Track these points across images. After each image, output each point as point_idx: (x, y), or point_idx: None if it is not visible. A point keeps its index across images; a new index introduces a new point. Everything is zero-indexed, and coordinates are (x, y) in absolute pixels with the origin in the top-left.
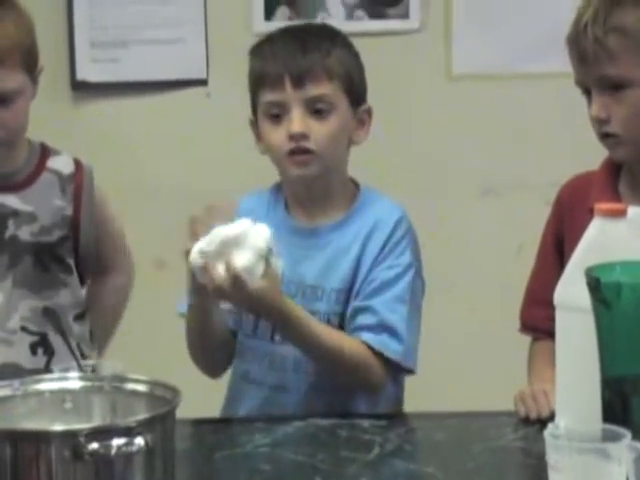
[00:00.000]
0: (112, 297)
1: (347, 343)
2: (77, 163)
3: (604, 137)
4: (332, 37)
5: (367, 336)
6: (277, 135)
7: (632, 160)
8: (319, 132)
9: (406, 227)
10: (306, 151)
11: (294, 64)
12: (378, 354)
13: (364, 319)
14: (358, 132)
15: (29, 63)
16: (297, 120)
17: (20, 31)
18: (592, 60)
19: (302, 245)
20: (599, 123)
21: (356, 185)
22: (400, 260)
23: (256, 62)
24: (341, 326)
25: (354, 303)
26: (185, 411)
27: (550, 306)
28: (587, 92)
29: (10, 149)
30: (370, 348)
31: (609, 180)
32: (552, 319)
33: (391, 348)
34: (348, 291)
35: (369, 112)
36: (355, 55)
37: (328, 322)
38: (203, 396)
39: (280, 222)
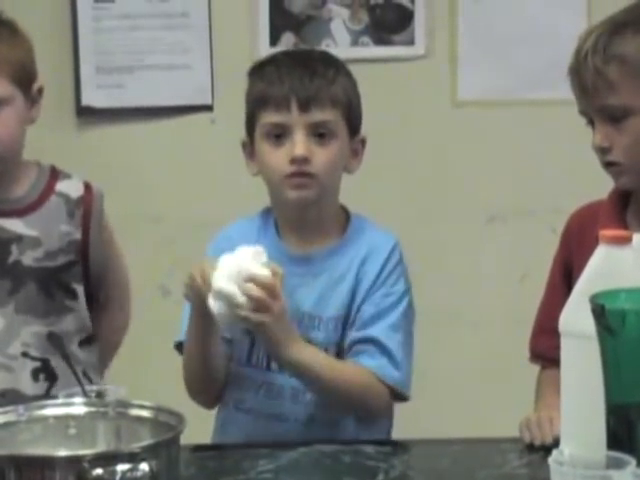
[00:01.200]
0: (112, 334)
1: (351, 370)
2: (87, 187)
3: (607, 166)
4: (336, 65)
5: (367, 362)
6: (277, 157)
7: (636, 188)
8: (320, 157)
9: (400, 254)
10: (306, 174)
11: (302, 88)
12: (381, 380)
13: (363, 347)
14: (352, 161)
15: (22, 77)
16: (300, 144)
17: (13, 47)
18: (593, 91)
19: (296, 272)
20: (602, 152)
21: (346, 213)
22: (395, 288)
23: (259, 84)
24: (338, 355)
25: (352, 333)
26: (189, 437)
27: (558, 335)
28: (591, 122)
29: (5, 168)
30: (373, 374)
31: (616, 209)
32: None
33: (389, 374)
34: (344, 318)
35: (363, 142)
36: (354, 85)
37: (326, 351)
38: (207, 422)
39: (272, 247)
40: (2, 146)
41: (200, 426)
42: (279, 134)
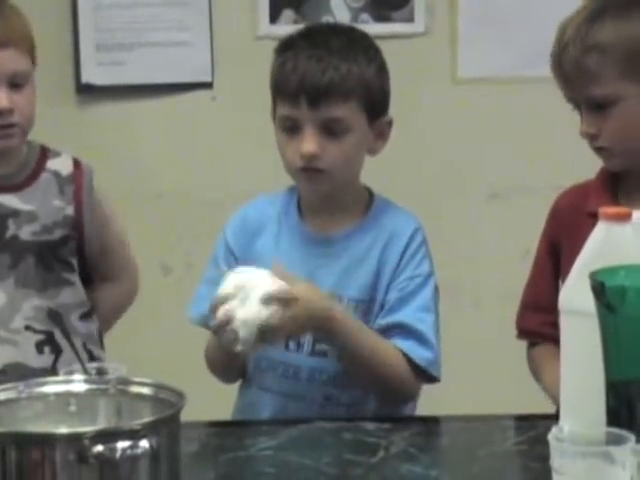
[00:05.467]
0: (113, 306)
1: (386, 351)
2: (76, 163)
3: (597, 150)
4: (356, 52)
5: (396, 342)
6: (290, 149)
7: (628, 168)
8: (331, 152)
9: (422, 237)
10: (316, 170)
11: (311, 85)
12: (410, 362)
13: (392, 332)
14: (377, 143)
15: (32, 55)
16: (309, 140)
17: (26, 24)
18: (575, 82)
19: (316, 253)
20: (590, 138)
21: (370, 193)
22: (420, 270)
23: (278, 69)
24: None
25: (379, 321)
26: (189, 414)
27: (546, 312)
28: (578, 107)
29: (22, 140)
30: (404, 355)
31: (607, 186)
32: (548, 324)
33: (420, 354)
34: (369, 302)
35: (390, 124)
36: (379, 67)
37: None
38: (207, 399)
39: (293, 228)
40: (27, 123)
41: (201, 403)
42: (293, 126)
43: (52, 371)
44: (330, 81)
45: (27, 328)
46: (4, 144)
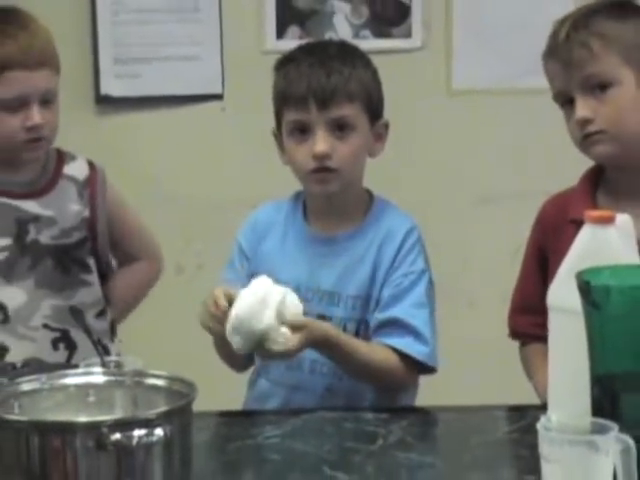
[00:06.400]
0: (137, 280)
1: (376, 355)
2: (91, 166)
3: (587, 137)
4: (353, 59)
5: (393, 341)
6: (301, 153)
7: (613, 157)
8: (341, 151)
9: (417, 236)
10: (328, 169)
11: (319, 87)
12: (404, 357)
13: (388, 328)
14: (376, 145)
15: (59, 70)
16: (321, 141)
17: (54, 43)
18: (576, 63)
19: (319, 253)
20: (583, 124)
21: (370, 195)
22: (414, 267)
23: (281, 81)
24: (357, 332)
25: (376, 315)
26: (200, 404)
27: (534, 313)
28: (567, 102)
29: (46, 150)
30: (396, 351)
31: (587, 192)
32: (537, 325)
33: (417, 350)
34: (365, 298)
35: (386, 126)
36: (373, 73)
37: (344, 328)
38: (217, 391)
39: (298, 230)
40: (54, 135)
41: (211, 395)
42: (302, 130)
43: (68, 366)
44: (336, 83)
45: (44, 326)
46: (32, 156)
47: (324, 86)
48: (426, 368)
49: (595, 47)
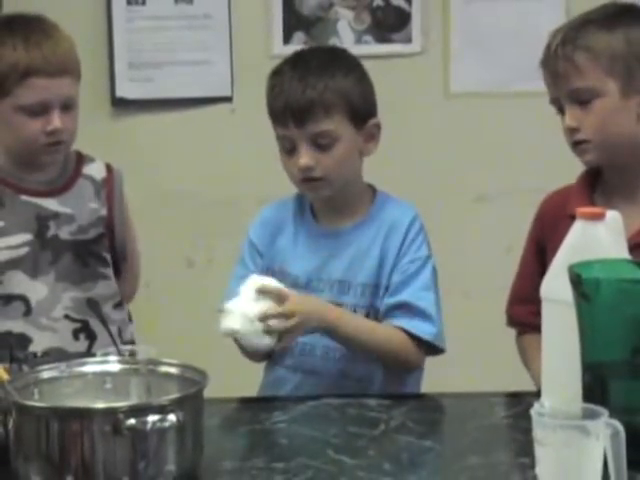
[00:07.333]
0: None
1: (384, 333)
2: (108, 168)
3: (576, 145)
4: (332, 69)
5: (401, 322)
6: (290, 165)
7: (601, 163)
8: (325, 162)
9: (420, 224)
10: (314, 179)
11: (295, 103)
12: (413, 338)
13: (397, 311)
14: (368, 145)
15: (80, 78)
16: (303, 155)
17: (76, 50)
18: (563, 76)
19: (328, 246)
20: (571, 132)
21: (373, 189)
22: (419, 254)
23: (269, 95)
24: (367, 316)
25: (385, 300)
26: (211, 391)
27: (532, 303)
28: (560, 110)
29: (66, 153)
30: (405, 332)
31: (585, 190)
32: (534, 314)
33: (425, 330)
34: (374, 286)
35: (378, 126)
36: (358, 78)
37: (355, 312)
38: (227, 378)
39: (308, 226)
40: (73, 138)
41: (220, 382)
42: (288, 145)
43: (88, 355)
44: (310, 98)
45: (66, 317)
46: (51, 158)
47: (298, 102)
48: (434, 349)
49: (580, 61)
